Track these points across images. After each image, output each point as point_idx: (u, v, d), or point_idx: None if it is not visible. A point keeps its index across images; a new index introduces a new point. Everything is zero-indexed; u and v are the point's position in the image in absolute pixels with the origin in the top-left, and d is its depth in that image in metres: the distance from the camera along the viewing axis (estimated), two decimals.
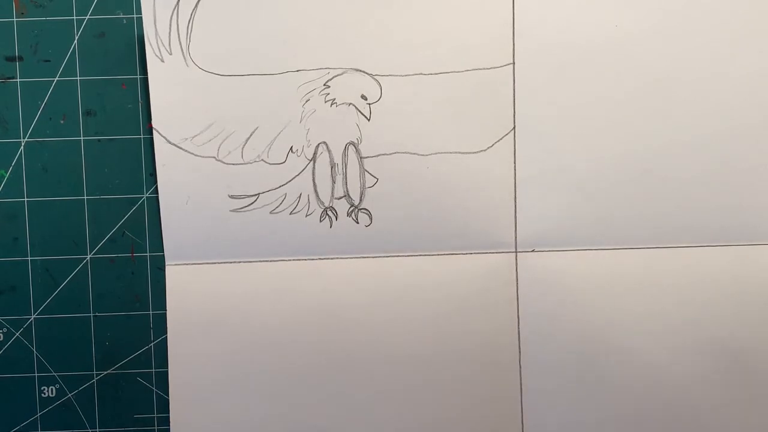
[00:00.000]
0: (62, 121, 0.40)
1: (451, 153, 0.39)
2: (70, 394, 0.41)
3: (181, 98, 0.38)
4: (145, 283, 0.40)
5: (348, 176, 0.39)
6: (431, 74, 0.39)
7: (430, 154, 0.39)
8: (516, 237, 0.39)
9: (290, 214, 0.39)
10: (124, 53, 0.39)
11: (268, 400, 0.40)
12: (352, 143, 0.39)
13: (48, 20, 0.39)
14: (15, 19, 0.39)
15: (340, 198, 0.39)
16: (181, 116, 0.38)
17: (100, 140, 0.40)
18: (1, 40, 0.39)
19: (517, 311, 0.40)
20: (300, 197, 0.39)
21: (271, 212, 0.39)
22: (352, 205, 0.39)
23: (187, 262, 0.39)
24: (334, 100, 0.39)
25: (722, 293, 0.40)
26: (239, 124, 0.39)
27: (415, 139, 0.39)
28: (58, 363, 0.41)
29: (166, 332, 0.40)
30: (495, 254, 0.40)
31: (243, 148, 0.39)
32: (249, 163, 0.39)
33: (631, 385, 0.40)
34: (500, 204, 0.39)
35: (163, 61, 0.38)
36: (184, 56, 0.38)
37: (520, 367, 0.40)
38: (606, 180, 0.39)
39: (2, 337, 0.40)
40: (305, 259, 0.39)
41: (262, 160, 0.39)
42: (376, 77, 0.39)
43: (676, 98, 0.39)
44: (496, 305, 0.40)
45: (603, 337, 0.40)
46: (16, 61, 0.39)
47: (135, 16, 0.39)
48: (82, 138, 0.40)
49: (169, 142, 0.39)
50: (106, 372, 0.41)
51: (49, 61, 0.39)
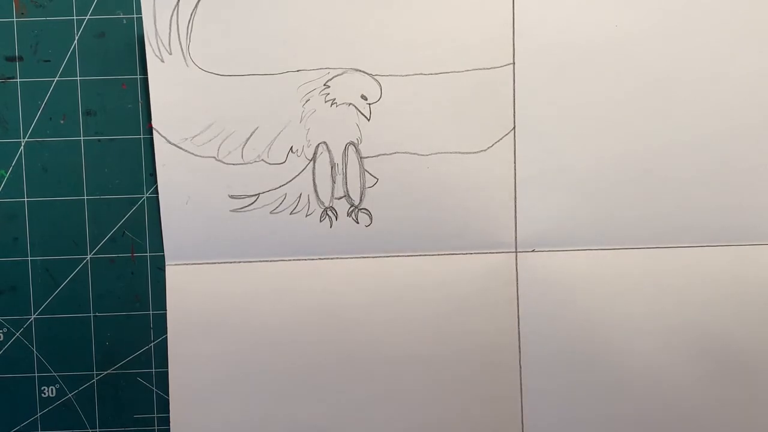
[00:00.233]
0: (62, 121, 0.40)
1: (451, 153, 0.39)
2: (70, 394, 0.41)
3: (181, 98, 0.38)
4: (145, 283, 0.40)
5: (348, 176, 0.39)
6: (431, 74, 0.39)
7: (430, 154, 0.39)
8: (516, 237, 0.39)
9: (290, 214, 0.39)
10: (124, 53, 0.39)
11: (268, 400, 0.40)
12: (352, 143, 0.39)
13: (48, 20, 0.39)
14: (15, 19, 0.39)
15: (340, 198, 0.39)
16: (181, 116, 0.38)
17: (100, 140, 0.40)
18: (1, 40, 0.39)
19: (517, 311, 0.40)
20: (300, 197, 0.39)
21: (271, 212, 0.39)
22: (352, 205, 0.39)
23: (187, 262, 0.39)
24: (334, 100, 0.39)
25: (722, 293, 0.40)
26: (239, 124, 0.39)
27: (415, 139, 0.39)
28: (58, 363, 0.41)
29: (166, 332, 0.40)
30: (495, 254, 0.40)
31: (243, 148, 0.39)
32: (249, 163, 0.39)
33: (631, 385, 0.40)
34: (500, 204, 0.39)
35: (163, 61, 0.38)
36: (184, 56, 0.38)
37: (520, 367, 0.40)
38: (606, 180, 0.39)
39: (2, 337, 0.40)
40: (305, 259, 0.39)
41: (262, 160, 0.39)
42: (376, 77, 0.39)
43: (676, 98, 0.39)
44: (496, 305, 0.40)
45: (603, 338, 0.40)
46: (16, 61, 0.39)
47: (135, 16, 0.39)
48: (82, 138, 0.40)
49: (169, 142, 0.39)
50: (106, 372, 0.41)
51: (49, 61, 0.39)
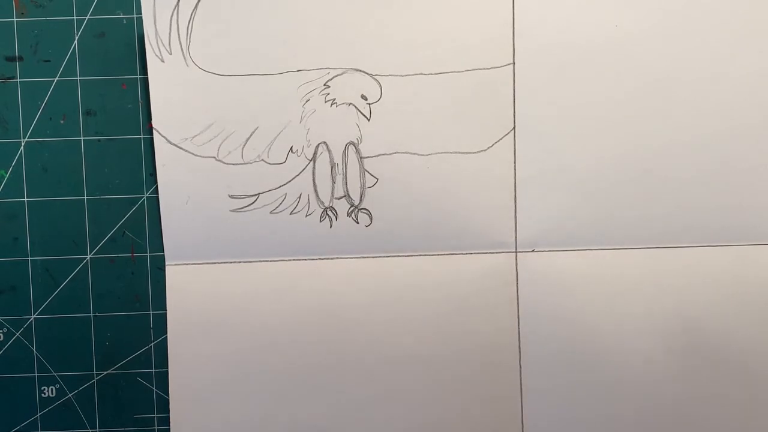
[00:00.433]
0: (62, 121, 0.40)
1: (451, 153, 0.39)
2: (70, 394, 0.41)
3: (181, 98, 0.38)
4: (145, 283, 0.40)
5: (348, 176, 0.39)
6: (431, 74, 0.39)
7: (430, 154, 0.39)
8: (516, 237, 0.39)
9: (290, 214, 0.39)
10: (124, 53, 0.39)
11: (268, 400, 0.40)
12: (352, 143, 0.39)
13: (48, 20, 0.39)
14: (15, 19, 0.39)
15: (340, 198, 0.39)
16: (181, 116, 0.38)
17: (100, 140, 0.40)
18: (1, 40, 0.39)
19: (517, 311, 0.40)
20: (300, 197, 0.39)
21: (271, 212, 0.39)
22: (352, 205, 0.39)
23: (187, 262, 0.39)
24: (334, 100, 0.39)
25: (722, 293, 0.40)
26: (239, 124, 0.39)
27: (415, 139, 0.39)
28: (58, 363, 0.40)
29: (166, 332, 0.40)
30: (495, 254, 0.40)
31: (243, 148, 0.39)
32: (249, 163, 0.39)
33: (631, 385, 0.40)
34: (500, 204, 0.39)
35: (163, 61, 0.38)
36: (184, 56, 0.38)
37: (520, 367, 0.40)
38: (606, 180, 0.39)
39: (2, 337, 0.40)
40: (305, 259, 0.39)
41: (262, 160, 0.39)
42: (376, 77, 0.39)
43: (676, 98, 0.39)
44: (496, 305, 0.40)
45: (603, 337, 0.40)
46: (16, 61, 0.39)
47: (135, 16, 0.39)
48: (82, 138, 0.40)
49: (169, 142, 0.39)
50: (106, 372, 0.41)
51: (49, 61, 0.39)
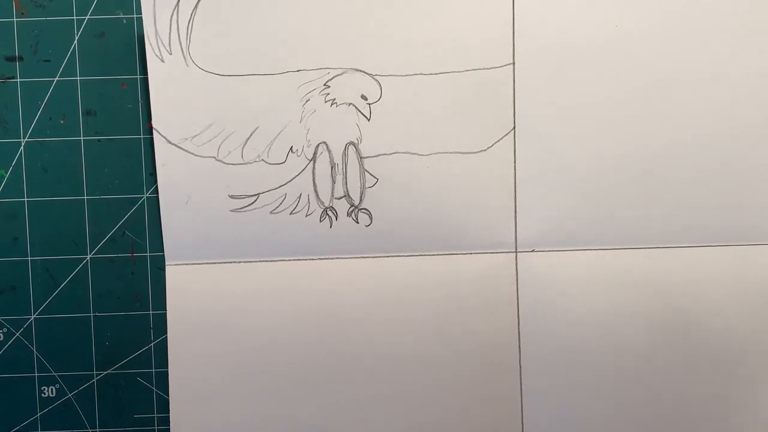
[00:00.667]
0: (62, 121, 0.40)
1: (451, 153, 0.39)
2: (70, 394, 0.41)
3: (181, 98, 0.38)
4: (145, 283, 0.40)
5: (348, 176, 0.39)
6: (431, 74, 0.39)
7: (430, 154, 0.39)
8: (516, 237, 0.39)
9: (290, 214, 0.39)
10: (124, 53, 0.39)
11: (268, 400, 0.40)
12: (352, 143, 0.39)
13: (48, 20, 0.39)
14: (15, 19, 0.39)
15: (340, 198, 0.39)
16: (181, 116, 0.38)
17: (100, 140, 0.40)
18: (1, 40, 0.39)
19: (517, 311, 0.40)
20: (300, 197, 0.39)
21: (271, 212, 0.39)
22: (352, 205, 0.39)
23: (187, 262, 0.39)
24: (334, 100, 0.39)
25: (722, 293, 0.40)
26: (239, 124, 0.39)
27: (415, 139, 0.39)
28: (58, 363, 0.40)
29: (166, 332, 0.40)
30: (495, 254, 0.40)
31: (243, 148, 0.39)
32: (249, 163, 0.39)
33: (631, 385, 0.40)
34: (500, 204, 0.39)
35: (163, 61, 0.38)
36: (184, 56, 0.38)
37: (520, 367, 0.40)
38: (606, 180, 0.39)
39: (2, 337, 0.40)
40: (305, 259, 0.39)
41: (262, 160, 0.39)
42: (376, 77, 0.39)
43: (676, 98, 0.39)
44: (496, 305, 0.40)
45: (603, 338, 0.40)
46: (16, 61, 0.39)
47: (135, 16, 0.39)
48: (82, 138, 0.40)
49: (169, 142, 0.39)
50: (106, 372, 0.41)
51: (49, 61, 0.39)
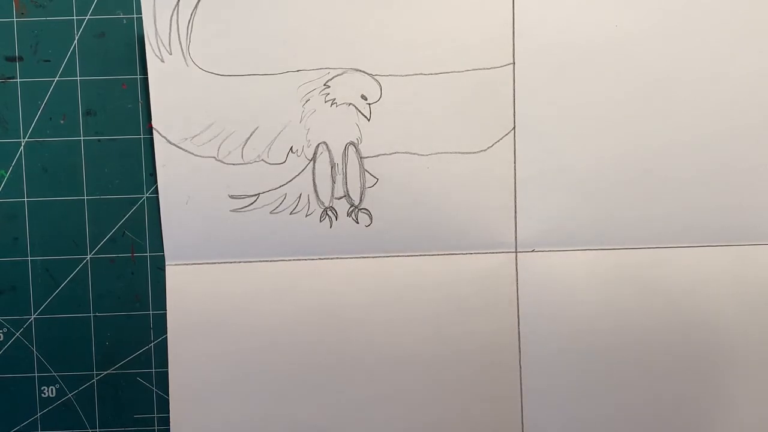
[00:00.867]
0: (62, 121, 0.40)
1: (451, 153, 0.39)
2: (70, 394, 0.41)
3: (181, 98, 0.38)
4: (145, 283, 0.40)
5: (348, 176, 0.39)
6: (431, 74, 0.39)
7: (430, 154, 0.39)
8: (516, 237, 0.39)
9: (290, 214, 0.39)
10: (124, 53, 0.39)
11: (268, 400, 0.40)
12: (352, 143, 0.39)
13: (48, 20, 0.39)
14: (15, 19, 0.39)
15: (340, 198, 0.39)
16: (181, 116, 0.38)
17: (100, 140, 0.40)
18: (1, 40, 0.39)
19: (517, 311, 0.40)
20: (300, 197, 0.39)
21: (271, 212, 0.39)
22: (352, 205, 0.39)
23: (187, 262, 0.39)
24: (334, 100, 0.39)
25: (722, 293, 0.40)
26: (239, 124, 0.39)
27: (415, 139, 0.39)
28: (58, 363, 0.40)
29: (166, 332, 0.40)
30: (495, 254, 0.40)
31: (243, 148, 0.39)
32: (249, 163, 0.39)
33: (631, 385, 0.40)
34: (500, 204, 0.39)
35: (163, 61, 0.38)
36: (184, 56, 0.38)
37: (520, 367, 0.40)
38: (606, 180, 0.39)
39: (2, 337, 0.40)
40: (305, 259, 0.39)
41: (262, 160, 0.39)
42: (376, 77, 0.39)
43: (676, 98, 0.39)
44: (496, 305, 0.40)
45: (603, 337, 0.40)
46: (16, 61, 0.39)
47: (135, 16, 0.39)
48: (82, 138, 0.40)
49: (169, 142, 0.39)
50: (106, 372, 0.41)
51: (49, 61, 0.39)
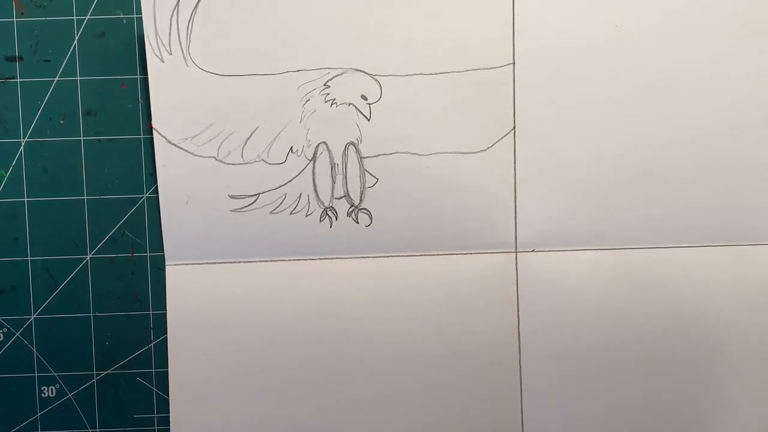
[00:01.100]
0: (62, 121, 0.40)
1: (451, 153, 0.39)
2: (70, 394, 0.41)
3: (181, 98, 0.38)
4: (145, 283, 0.40)
5: (348, 176, 0.39)
6: (431, 74, 0.39)
7: (430, 154, 0.39)
8: (516, 237, 0.39)
9: (290, 214, 0.39)
10: (124, 53, 0.39)
11: (268, 400, 0.40)
12: (352, 143, 0.39)
13: (48, 20, 0.39)
14: (15, 19, 0.39)
15: (340, 198, 0.39)
16: (181, 116, 0.38)
17: (100, 140, 0.40)
18: (1, 40, 0.39)
19: (517, 311, 0.40)
20: (300, 197, 0.39)
21: (271, 212, 0.39)
22: (352, 205, 0.39)
23: (187, 262, 0.39)
24: (334, 100, 0.39)
25: (722, 293, 0.40)
26: (239, 124, 0.39)
27: (415, 139, 0.39)
28: (58, 363, 0.40)
29: (166, 332, 0.40)
30: (495, 254, 0.40)
31: (243, 148, 0.39)
32: (249, 163, 0.39)
33: (631, 385, 0.40)
34: (500, 204, 0.39)
35: (163, 61, 0.38)
36: (184, 56, 0.38)
37: (520, 367, 0.40)
38: (606, 180, 0.39)
39: (2, 337, 0.40)
40: (305, 259, 0.39)
41: (262, 160, 0.39)
42: (376, 77, 0.39)
43: (676, 98, 0.39)
44: (496, 305, 0.40)
45: (603, 337, 0.40)
46: (16, 61, 0.39)
47: (135, 16, 0.39)
48: (82, 138, 0.40)
49: (169, 142, 0.39)
50: (106, 372, 0.41)
51: (49, 61, 0.39)
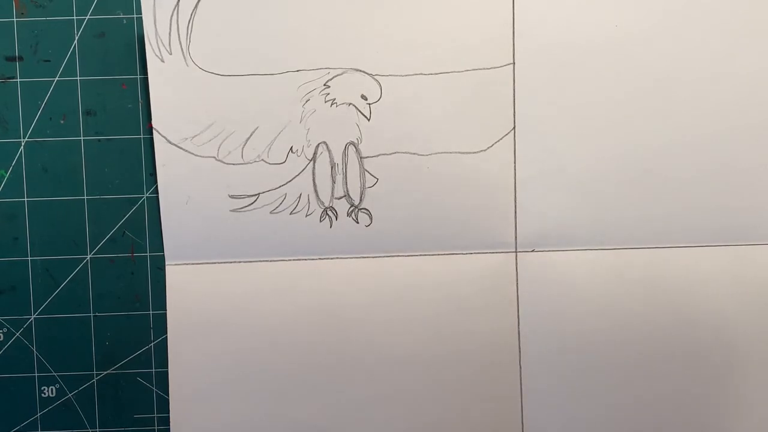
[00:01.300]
0: (62, 121, 0.40)
1: (451, 153, 0.39)
2: (70, 394, 0.41)
3: (181, 98, 0.38)
4: (145, 283, 0.40)
5: (348, 176, 0.39)
6: (431, 74, 0.39)
7: (430, 154, 0.39)
8: (516, 237, 0.39)
9: (290, 214, 0.39)
10: (124, 53, 0.39)
11: (268, 400, 0.40)
12: (352, 143, 0.39)
13: (48, 20, 0.39)
14: (15, 19, 0.39)
15: (340, 198, 0.39)
16: (181, 116, 0.38)
17: (100, 140, 0.40)
18: (1, 40, 0.39)
19: (517, 311, 0.40)
20: (300, 197, 0.39)
21: (271, 212, 0.39)
22: (352, 205, 0.39)
23: (187, 262, 0.39)
24: (334, 100, 0.39)
25: (722, 293, 0.40)
26: (239, 124, 0.39)
27: (415, 139, 0.39)
28: (58, 363, 0.40)
29: (166, 332, 0.40)
30: (495, 254, 0.40)
31: (243, 148, 0.39)
32: (249, 163, 0.39)
33: (631, 385, 0.40)
34: (500, 204, 0.39)
35: (163, 61, 0.38)
36: (184, 56, 0.38)
37: (520, 367, 0.40)
38: (606, 180, 0.39)
39: (2, 337, 0.40)
40: (305, 259, 0.39)
41: (262, 160, 0.39)
42: (376, 77, 0.39)
43: (676, 98, 0.39)
44: (496, 305, 0.40)
45: (603, 337, 0.40)
46: (16, 61, 0.39)
47: (135, 16, 0.39)
48: (82, 138, 0.40)
49: (169, 142, 0.39)
50: (106, 372, 0.41)
51: (49, 61, 0.39)
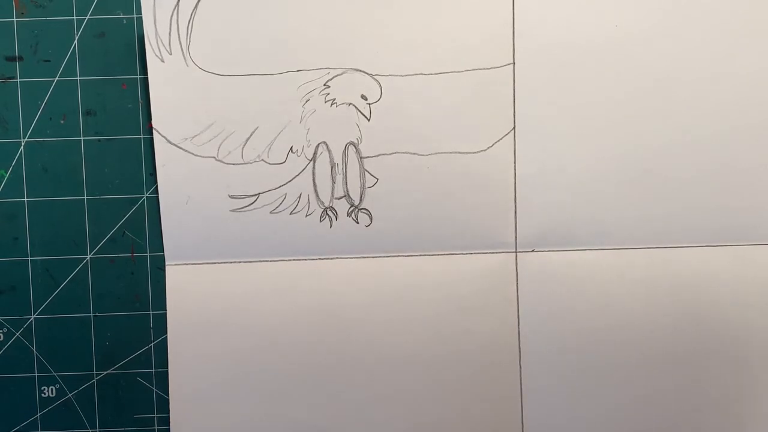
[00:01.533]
0: (62, 121, 0.40)
1: (451, 153, 0.39)
2: (70, 394, 0.41)
3: (181, 98, 0.38)
4: (145, 283, 0.40)
5: (348, 176, 0.39)
6: (431, 74, 0.39)
7: (430, 154, 0.39)
8: (516, 237, 0.39)
9: (290, 214, 0.39)
10: (124, 53, 0.39)
11: (268, 400, 0.40)
12: (352, 143, 0.39)
13: (48, 20, 0.39)
14: (15, 19, 0.39)
15: (340, 198, 0.39)
16: (181, 116, 0.38)
17: (100, 140, 0.40)
18: (1, 40, 0.39)
19: (517, 311, 0.40)
20: (300, 197, 0.39)
21: (271, 212, 0.39)
22: (352, 205, 0.39)
23: (187, 262, 0.39)
24: (334, 100, 0.39)
25: (722, 293, 0.40)
26: (239, 124, 0.39)
27: (415, 139, 0.39)
28: (58, 363, 0.41)
29: (166, 332, 0.40)
30: (495, 254, 0.40)
31: (243, 148, 0.39)
32: (249, 163, 0.39)
33: (631, 385, 0.40)
34: (500, 204, 0.39)
35: (163, 61, 0.38)
36: (184, 56, 0.38)
37: (520, 367, 0.40)
38: (606, 180, 0.39)
39: (2, 337, 0.40)
40: (305, 259, 0.39)
41: (262, 160, 0.39)
42: (376, 77, 0.39)
43: (676, 98, 0.39)
44: (496, 305, 0.40)
45: (603, 337, 0.40)
46: (16, 61, 0.39)
47: (135, 16, 0.39)
48: (82, 138, 0.40)
49: (169, 142, 0.39)
50: (106, 372, 0.41)
51: (49, 61, 0.39)
